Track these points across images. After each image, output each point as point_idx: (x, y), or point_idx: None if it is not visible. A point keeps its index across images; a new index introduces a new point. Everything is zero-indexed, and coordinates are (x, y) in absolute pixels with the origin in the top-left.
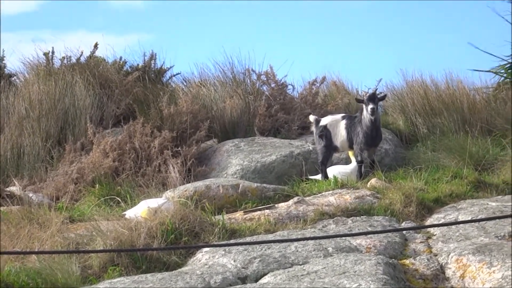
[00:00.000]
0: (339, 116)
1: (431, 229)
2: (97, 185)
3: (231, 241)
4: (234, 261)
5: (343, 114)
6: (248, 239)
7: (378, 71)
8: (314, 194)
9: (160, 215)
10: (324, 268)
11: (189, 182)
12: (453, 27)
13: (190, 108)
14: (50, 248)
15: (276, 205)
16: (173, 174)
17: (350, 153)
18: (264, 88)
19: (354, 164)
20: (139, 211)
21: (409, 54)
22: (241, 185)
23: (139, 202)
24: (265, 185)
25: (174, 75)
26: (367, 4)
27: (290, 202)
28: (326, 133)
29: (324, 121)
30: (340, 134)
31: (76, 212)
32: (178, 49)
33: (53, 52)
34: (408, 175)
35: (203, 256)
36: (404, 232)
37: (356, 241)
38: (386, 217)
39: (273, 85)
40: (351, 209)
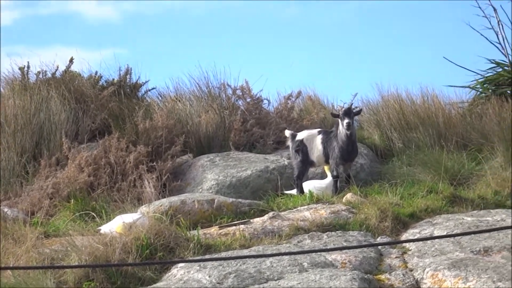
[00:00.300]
0: (315, 131)
1: (407, 244)
2: (72, 200)
3: (206, 257)
4: (209, 277)
5: (319, 129)
6: (223, 255)
7: (354, 86)
8: (290, 209)
9: (135, 230)
10: (300, 284)
11: (164, 197)
12: (428, 42)
13: (166, 123)
14: (25, 264)
15: (251, 220)
16: (148, 189)
17: (326, 168)
18: (240, 103)
19: (330, 179)
20: (114, 226)
21: (385, 69)
22: (216, 200)
23: (114, 217)
24: (240, 200)
25: (150, 90)
26: (342, 19)
27: (265, 217)
28: (303, 148)
29: (300, 136)
30: (317, 149)
31: (51, 227)
32: (154, 64)
33: (29, 67)
34: (384, 190)
35: (178, 272)
36: (380, 247)
37: (332, 256)
38: (362, 232)
39: (249, 100)
40: (327, 224)
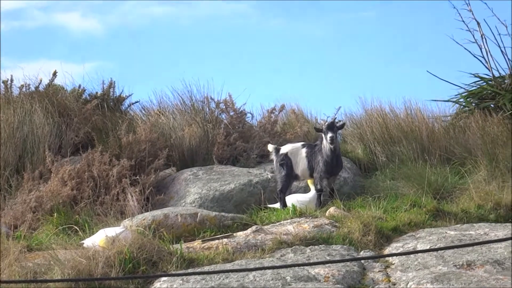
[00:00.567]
0: (299, 144)
1: (390, 258)
2: (56, 214)
3: (189, 270)
4: None
5: (303, 143)
6: (206, 268)
7: (337, 99)
8: (273, 223)
9: (118, 244)
10: None
11: (148, 211)
12: (412, 56)
13: (149, 137)
14: (8, 277)
15: (234, 234)
16: (132, 203)
17: (309, 182)
18: (223, 116)
19: (313, 193)
20: (97, 240)
21: (368, 83)
22: (200, 214)
23: (97, 231)
24: (224, 214)
25: (133, 103)
26: (326, 33)
27: (249, 231)
28: (287, 161)
29: (285, 150)
30: (302, 162)
31: (34, 241)
32: (137, 77)
33: (12, 80)
34: (367, 204)
35: (161, 286)
36: (363, 261)
37: (315, 270)
38: (345, 246)
39: (232, 113)
40: (310, 238)
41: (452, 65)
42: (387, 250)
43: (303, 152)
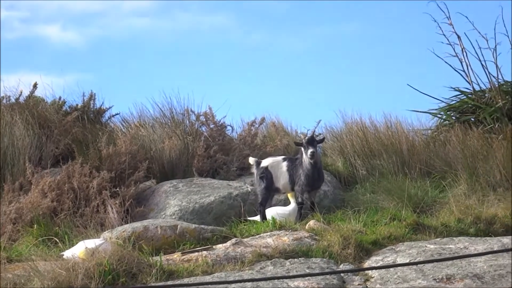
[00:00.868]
0: (280, 158)
1: (369, 272)
2: (36, 225)
3: (169, 283)
4: None
5: (284, 156)
6: (186, 281)
7: (317, 112)
8: (252, 236)
9: (98, 256)
10: None
11: (127, 223)
12: (392, 69)
13: (129, 149)
14: None
15: (214, 247)
16: (111, 215)
17: (290, 195)
18: (203, 129)
19: (293, 206)
20: (77, 252)
21: (348, 96)
22: (179, 226)
23: (77, 243)
24: (203, 226)
25: (113, 116)
26: (306, 46)
27: (228, 244)
28: (267, 175)
29: (265, 163)
30: (282, 176)
31: (14, 252)
32: (118, 90)
33: None
34: (347, 217)
35: None
36: (342, 275)
37: (294, 283)
38: (324, 259)
39: (212, 126)
40: (289, 251)
41: (433, 79)
42: (367, 264)
43: (284, 166)
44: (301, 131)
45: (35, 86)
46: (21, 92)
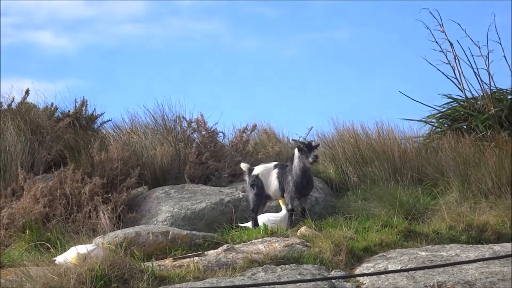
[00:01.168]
0: (271, 165)
1: (361, 278)
2: (28, 231)
3: None
4: None
5: (276, 163)
6: (177, 286)
7: (309, 119)
8: (244, 242)
9: (90, 261)
10: None
11: (119, 229)
12: (384, 76)
13: (121, 155)
14: None
15: (206, 253)
16: (103, 221)
17: (281, 201)
18: (195, 136)
19: (284, 212)
20: (69, 257)
21: (340, 103)
22: (171, 232)
23: (69, 248)
24: (195, 232)
25: (105, 122)
26: (298, 53)
27: (220, 250)
28: (258, 183)
29: (256, 171)
30: (273, 184)
31: (6, 258)
32: (110, 96)
33: None
34: (338, 224)
35: None
36: (334, 281)
37: None
38: (316, 266)
39: (204, 133)
40: (281, 257)
41: (425, 86)
42: (358, 270)
43: (274, 173)
44: (293, 138)
45: (27, 92)
46: (13, 98)
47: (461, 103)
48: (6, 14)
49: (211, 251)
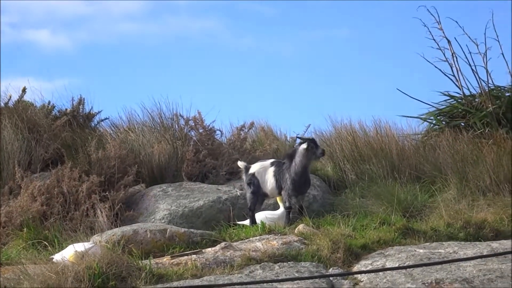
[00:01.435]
0: (268, 163)
1: (358, 276)
2: (25, 229)
3: (158, 286)
4: None
5: (272, 160)
6: (175, 284)
7: (307, 117)
8: (242, 240)
9: (88, 259)
10: None
11: (117, 227)
12: (382, 73)
13: (118, 153)
14: None
15: (204, 250)
16: (101, 219)
17: (279, 199)
18: (192, 134)
19: (282, 210)
20: (67, 255)
21: (338, 100)
22: (169, 230)
23: (67, 246)
24: (193, 230)
25: (102, 120)
26: (296, 51)
27: (217, 247)
28: (254, 181)
29: (253, 169)
30: (269, 182)
31: (4, 256)
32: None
33: None
34: (336, 221)
35: None
36: (331, 278)
37: (283, 287)
38: (313, 263)
39: (201, 131)
40: (278, 255)
41: (423, 84)
42: (356, 268)
43: (271, 171)
44: (291, 136)
45: (24, 91)
46: (10, 97)
47: (459, 101)
48: (4, 13)
49: (209, 249)
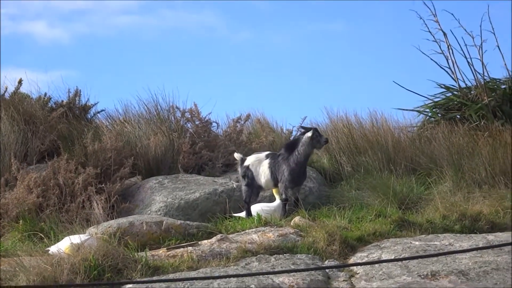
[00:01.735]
0: (263, 155)
1: (354, 268)
2: (21, 221)
3: (154, 278)
4: None
5: (267, 153)
6: (171, 276)
7: (303, 109)
8: (238, 232)
9: (83, 251)
10: None
11: (113, 219)
12: (378, 66)
13: (114, 145)
14: None
15: (200, 242)
16: (97, 211)
17: (275, 191)
18: (188, 126)
19: (278, 202)
20: (63, 247)
21: (334, 92)
22: (165, 222)
23: (63, 238)
24: (189, 222)
25: (99, 112)
26: (292, 43)
27: (214, 240)
28: (248, 173)
29: (247, 162)
30: (264, 174)
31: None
32: (103, 86)
33: None
34: (332, 214)
35: None
36: (327, 271)
37: (279, 279)
38: (309, 255)
39: (198, 123)
40: (274, 247)
41: (419, 76)
42: (352, 260)
43: (266, 163)
44: (287, 128)
45: (20, 82)
46: (6, 89)
47: (455, 93)
48: (2, 6)
49: (205, 241)
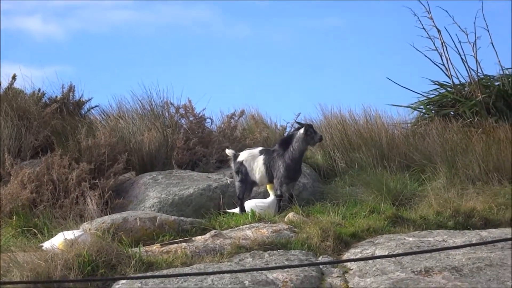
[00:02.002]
0: (257, 151)
1: (348, 264)
2: (15, 217)
3: (148, 274)
4: None
5: (261, 148)
6: (165, 272)
7: (297, 105)
8: (232, 228)
9: (77, 247)
10: None
11: (107, 215)
12: (372, 62)
13: (108, 141)
14: None
15: (193, 238)
16: (91, 206)
17: (269, 187)
18: (183, 121)
19: (272, 198)
20: (56, 243)
21: (328, 89)
22: (159, 218)
23: (57, 234)
24: (183, 218)
25: (93, 108)
26: (287, 40)
27: (207, 235)
28: (242, 169)
29: (241, 157)
30: (258, 170)
31: None
32: (97, 82)
33: None
34: (326, 210)
35: None
36: (321, 266)
37: (273, 275)
38: (303, 251)
39: (192, 119)
40: (268, 243)
41: (413, 72)
42: (346, 256)
43: (260, 159)
44: (281, 124)
45: (14, 78)
46: (0, 84)
47: (449, 90)
48: None
49: (199, 237)
